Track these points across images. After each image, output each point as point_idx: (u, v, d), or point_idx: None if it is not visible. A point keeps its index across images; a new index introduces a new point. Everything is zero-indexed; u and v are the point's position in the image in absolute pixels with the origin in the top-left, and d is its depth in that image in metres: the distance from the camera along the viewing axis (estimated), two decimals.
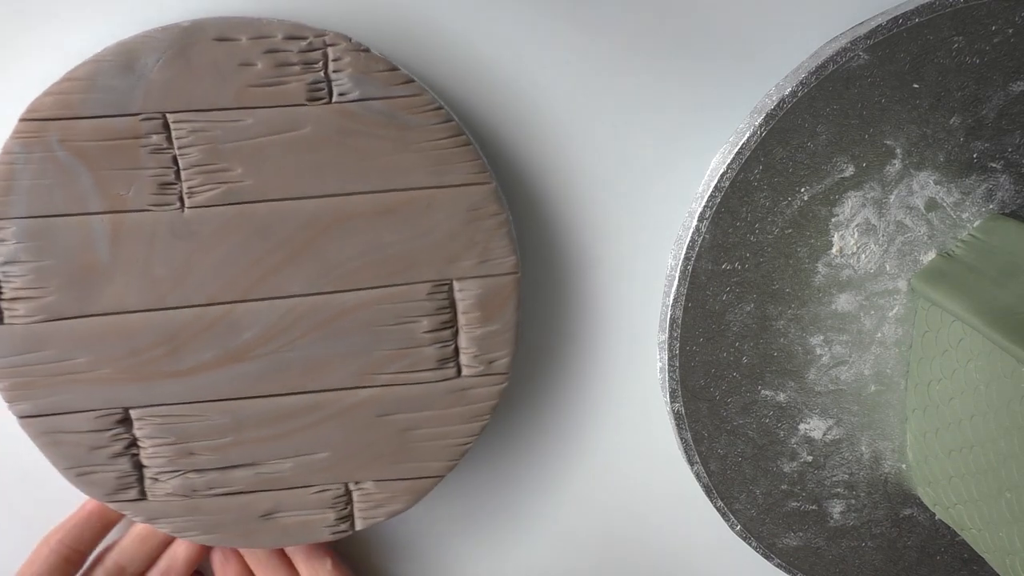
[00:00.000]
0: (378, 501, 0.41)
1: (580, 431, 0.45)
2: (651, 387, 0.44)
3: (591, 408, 0.44)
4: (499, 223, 0.39)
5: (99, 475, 0.39)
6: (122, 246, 0.37)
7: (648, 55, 0.40)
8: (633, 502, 0.46)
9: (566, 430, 0.45)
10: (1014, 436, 0.34)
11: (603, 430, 0.45)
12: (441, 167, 0.38)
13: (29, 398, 0.38)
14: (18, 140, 0.36)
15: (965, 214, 0.39)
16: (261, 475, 0.40)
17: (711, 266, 0.38)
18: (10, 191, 0.37)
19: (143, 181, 0.37)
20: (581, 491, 0.46)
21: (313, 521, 0.41)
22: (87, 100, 0.36)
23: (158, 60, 0.36)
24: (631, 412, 0.45)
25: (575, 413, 0.44)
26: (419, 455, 0.41)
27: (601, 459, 0.45)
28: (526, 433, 0.44)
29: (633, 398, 0.45)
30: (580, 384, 0.44)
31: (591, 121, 0.40)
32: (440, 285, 0.39)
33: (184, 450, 0.39)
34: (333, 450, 0.40)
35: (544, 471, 0.45)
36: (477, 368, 0.40)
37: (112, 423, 0.39)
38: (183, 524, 0.40)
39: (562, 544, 0.46)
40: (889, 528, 0.44)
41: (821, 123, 0.37)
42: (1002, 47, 0.37)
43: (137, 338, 0.38)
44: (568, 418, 0.44)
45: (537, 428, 0.44)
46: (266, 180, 0.37)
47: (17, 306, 0.37)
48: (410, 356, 0.40)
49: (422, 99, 0.37)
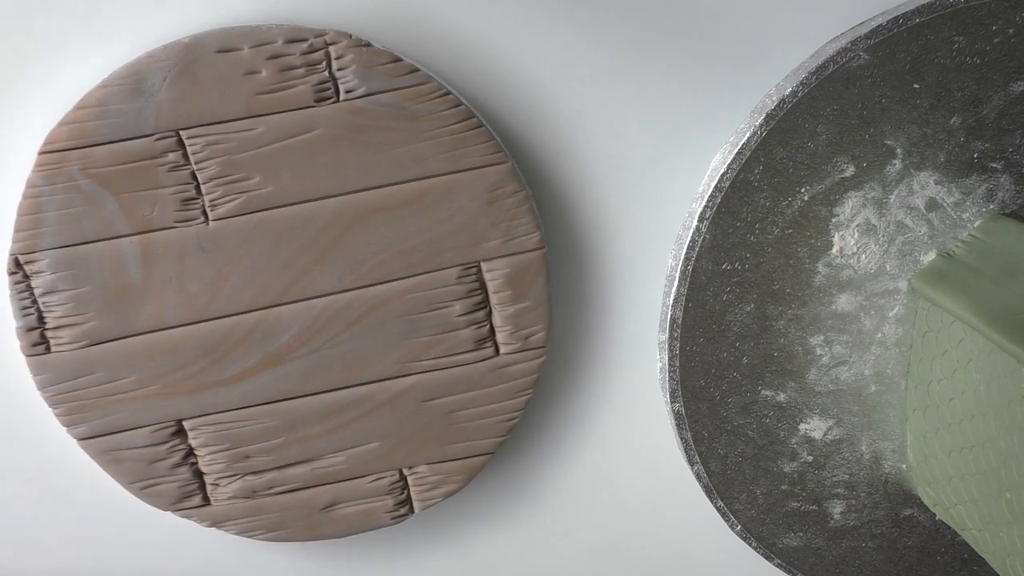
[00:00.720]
0: (433, 483, 0.42)
1: (580, 431, 0.45)
2: (651, 387, 0.44)
3: (590, 408, 0.45)
4: (520, 200, 0.39)
5: (162, 486, 0.40)
6: (153, 265, 0.38)
7: (648, 55, 0.39)
8: (633, 502, 0.46)
9: (566, 429, 0.45)
10: (1014, 436, 0.34)
11: (603, 430, 0.45)
12: (456, 152, 0.38)
13: (85, 421, 0.39)
14: (40, 173, 0.37)
15: (966, 214, 0.39)
16: (317, 470, 0.41)
17: (711, 266, 0.38)
18: (39, 224, 0.37)
19: (165, 199, 0.37)
20: (580, 491, 0.46)
21: (374, 509, 0.42)
22: (101, 126, 0.37)
23: (164, 79, 0.36)
24: (631, 412, 0.45)
25: (575, 413, 0.45)
26: (467, 434, 0.41)
27: (601, 459, 0.45)
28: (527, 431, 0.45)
29: (633, 398, 0.45)
30: (580, 384, 0.44)
31: (590, 121, 0.40)
32: (468, 268, 0.39)
33: (240, 454, 0.40)
34: (383, 439, 0.41)
35: (543, 472, 0.46)
36: (515, 345, 0.40)
37: (168, 436, 0.40)
38: (248, 524, 0.41)
39: (561, 544, 0.47)
40: (889, 528, 0.44)
41: (821, 123, 0.36)
42: (1003, 47, 0.36)
43: (180, 353, 0.39)
44: (568, 418, 0.45)
45: (538, 428, 0.45)
46: (285, 185, 0.38)
47: (62, 334, 0.38)
48: (447, 340, 0.40)
49: (429, 87, 0.37)
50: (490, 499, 0.46)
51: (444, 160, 0.38)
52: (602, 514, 0.47)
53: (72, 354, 0.39)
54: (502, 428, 0.41)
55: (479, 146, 0.38)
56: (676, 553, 0.48)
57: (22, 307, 0.38)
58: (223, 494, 0.41)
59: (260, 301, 0.39)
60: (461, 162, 0.38)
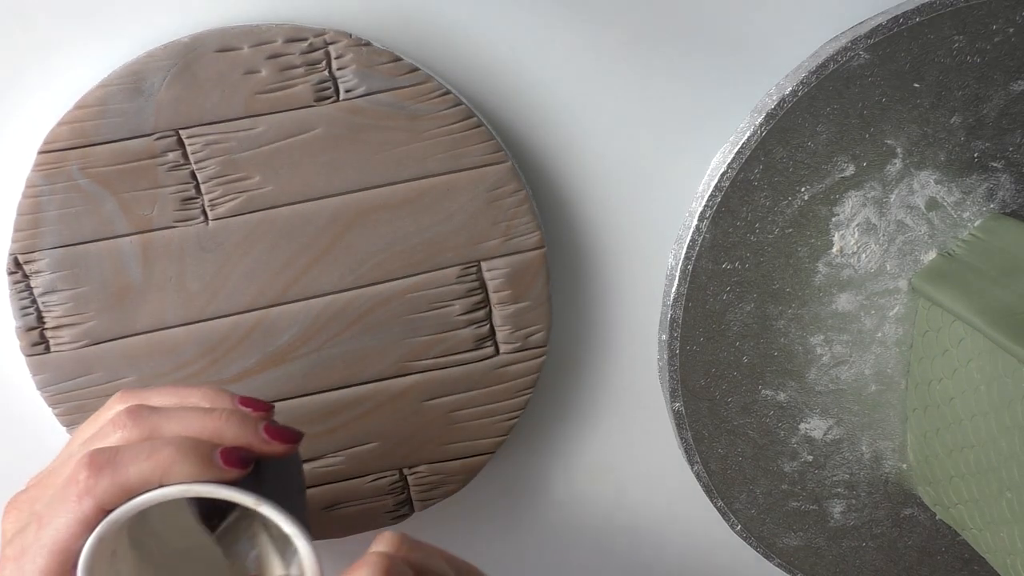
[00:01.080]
0: (433, 483, 0.42)
1: (579, 431, 0.45)
2: (651, 387, 0.44)
3: (590, 408, 0.45)
4: (520, 200, 0.39)
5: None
6: (153, 265, 0.38)
7: (648, 55, 0.39)
8: (633, 502, 0.46)
9: (566, 429, 0.45)
10: (1015, 436, 0.34)
11: (603, 430, 0.45)
12: (456, 151, 0.38)
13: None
14: (40, 173, 0.37)
15: (966, 213, 0.39)
16: (317, 470, 0.41)
17: (711, 266, 0.38)
18: (39, 223, 0.37)
19: (165, 199, 0.37)
20: (580, 491, 0.46)
21: (374, 508, 0.42)
22: (101, 126, 0.37)
23: (164, 78, 0.36)
24: (631, 411, 0.45)
25: (574, 413, 0.45)
26: (467, 434, 0.41)
27: (601, 459, 0.45)
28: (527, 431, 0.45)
29: (633, 398, 0.45)
30: (580, 384, 0.44)
31: (590, 122, 0.40)
32: (468, 268, 0.39)
33: None
34: (383, 439, 0.41)
35: (543, 472, 0.45)
36: (515, 344, 0.40)
37: None
38: None
39: (561, 543, 0.47)
40: (890, 528, 0.44)
41: (821, 122, 0.37)
42: (1003, 46, 0.36)
43: (180, 352, 0.39)
44: (568, 418, 0.45)
45: (538, 428, 0.45)
46: (285, 184, 0.38)
47: (61, 333, 0.38)
48: (447, 340, 0.40)
49: (428, 86, 0.37)
50: (490, 499, 0.46)
51: (444, 159, 0.38)
52: (602, 514, 0.47)
53: (72, 354, 0.39)
54: (502, 428, 0.41)
55: (479, 145, 0.38)
56: (676, 553, 0.48)
57: (22, 307, 0.38)
58: None
59: (260, 301, 0.39)
60: (461, 161, 0.38)
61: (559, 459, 0.46)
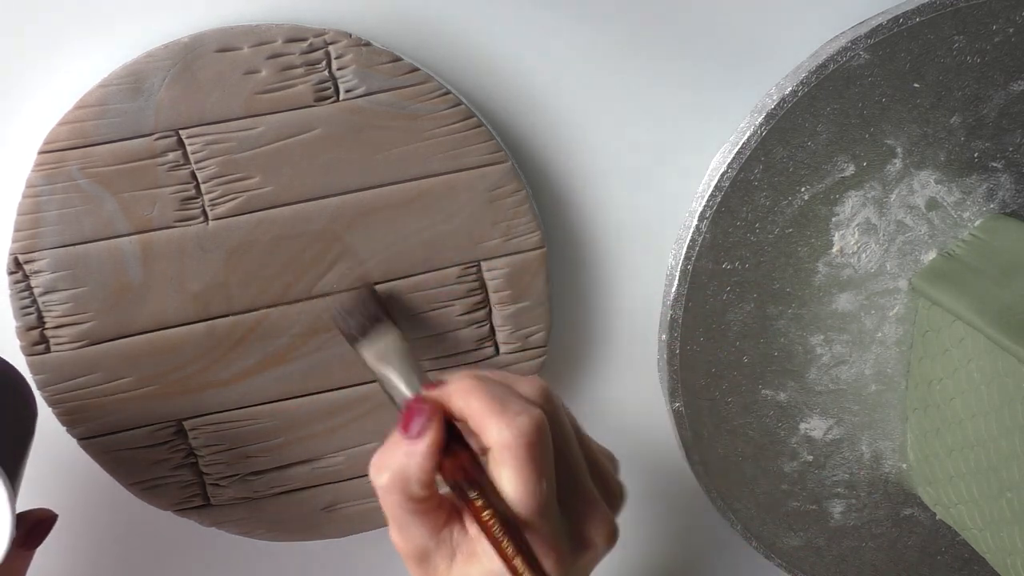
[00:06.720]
0: None
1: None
2: (651, 386, 0.44)
3: (590, 408, 0.45)
4: (520, 200, 0.39)
5: (164, 487, 0.40)
6: (153, 265, 0.38)
7: (648, 55, 0.40)
8: (632, 502, 0.46)
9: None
10: (1015, 436, 0.34)
11: (603, 429, 0.45)
12: (456, 151, 0.38)
13: (85, 421, 0.39)
14: (40, 173, 0.37)
15: (966, 213, 0.39)
16: (317, 470, 0.41)
17: (711, 266, 0.38)
18: (39, 223, 0.37)
19: (165, 199, 0.37)
20: None
21: (374, 509, 0.42)
22: (100, 126, 0.37)
23: (164, 78, 0.36)
24: (631, 411, 0.45)
25: (574, 412, 0.44)
26: None
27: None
28: None
29: (633, 397, 0.45)
30: (580, 384, 0.44)
31: (590, 121, 0.40)
32: (468, 268, 0.39)
33: (240, 454, 0.40)
34: (383, 439, 0.41)
35: None
36: (515, 344, 0.40)
37: (168, 436, 0.40)
38: (248, 525, 0.41)
39: None
40: (890, 528, 0.44)
41: (821, 122, 0.37)
42: (1003, 46, 0.37)
43: (180, 352, 0.39)
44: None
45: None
46: (285, 184, 0.38)
47: (61, 333, 0.38)
48: (447, 340, 0.40)
49: (428, 86, 0.37)
50: None
51: (444, 159, 0.38)
52: None
53: (72, 354, 0.39)
54: None
55: (479, 145, 0.38)
56: (676, 553, 0.48)
57: (22, 307, 0.38)
58: (224, 494, 0.41)
59: (260, 301, 0.39)
60: (461, 161, 0.38)
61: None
